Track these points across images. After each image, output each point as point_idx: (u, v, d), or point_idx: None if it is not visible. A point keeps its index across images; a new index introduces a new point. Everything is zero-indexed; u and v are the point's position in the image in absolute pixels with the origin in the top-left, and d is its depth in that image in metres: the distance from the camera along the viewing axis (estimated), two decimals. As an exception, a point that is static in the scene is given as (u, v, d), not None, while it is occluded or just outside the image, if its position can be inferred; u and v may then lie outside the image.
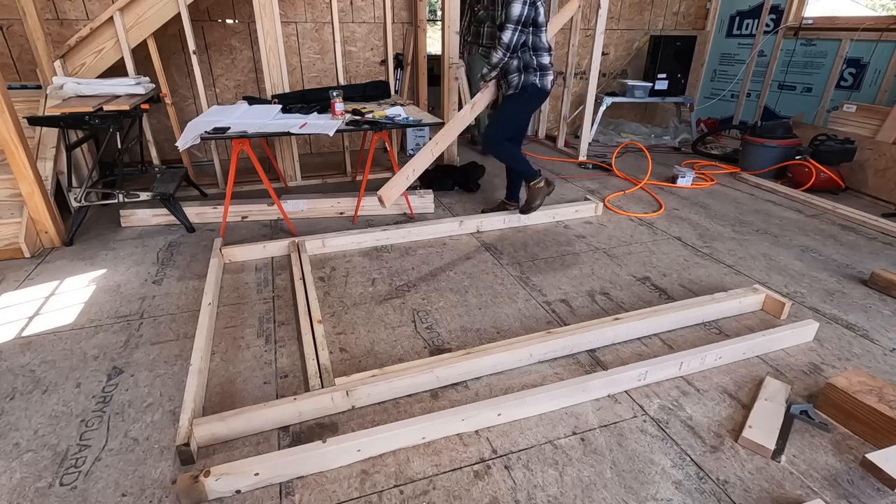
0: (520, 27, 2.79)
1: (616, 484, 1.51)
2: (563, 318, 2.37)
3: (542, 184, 3.22)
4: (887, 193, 3.87)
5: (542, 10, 2.84)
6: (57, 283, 2.61)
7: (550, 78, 3.02)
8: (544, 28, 2.90)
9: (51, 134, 3.30)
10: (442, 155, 4.56)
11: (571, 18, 5.01)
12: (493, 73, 3.02)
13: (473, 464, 1.58)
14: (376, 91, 3.90)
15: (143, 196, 3.16)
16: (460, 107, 4.14)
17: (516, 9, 2.74)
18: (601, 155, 5.08)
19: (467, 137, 5.49)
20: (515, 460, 1.59)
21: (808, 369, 2.02)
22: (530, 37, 2.87)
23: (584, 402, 1.83)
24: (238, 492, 1.47)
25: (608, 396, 1.86)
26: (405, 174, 2.88)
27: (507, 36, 2.79)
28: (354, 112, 3.33)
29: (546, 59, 2.97)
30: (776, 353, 2.11)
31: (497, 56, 2.88)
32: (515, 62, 2.92)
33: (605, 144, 5.57)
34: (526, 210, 3.29)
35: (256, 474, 1.47)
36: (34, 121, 2.83)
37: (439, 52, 4.25)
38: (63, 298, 2.48)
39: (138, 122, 3.52)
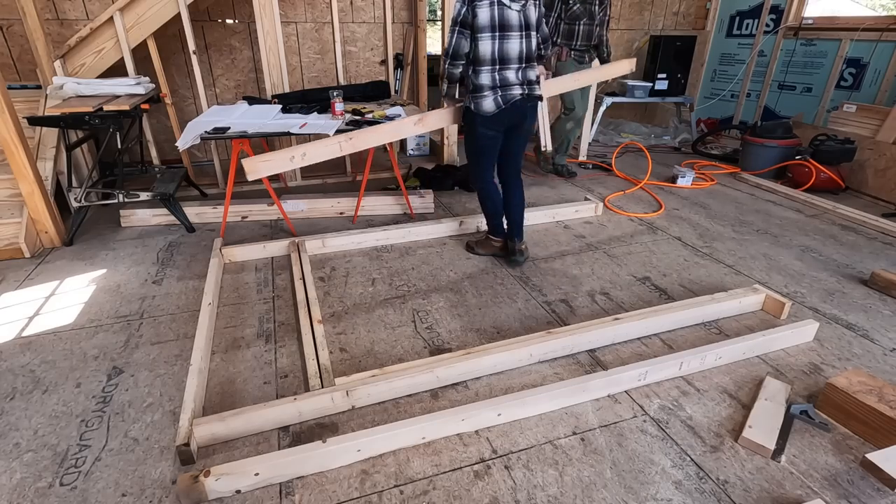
0: (457, 28, 2.36)
1: (616, 484, 1.51)
2: (563, 317, 2.37)
3: (497, 243, 2.91)
4: (887, 193, 3.87)
5: (487, 13, 2.33)
6: (57, 283, 2.61)
7: (491, 99, 2.45)
8: (491, 35, 2.37)
9: (51, 134, 3.30)
10: (442, 155, 4.57)
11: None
12: (445, 87, 2.57)
13: (473, 464, 1.58)
14: (376, 91, 3.90)
15: (143, 196, 3.16)
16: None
17: (454, 7, 2.35)
18: (601, 155, 5.08)
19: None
20: (515, 460, 1.59)
21: (808, 369, 2.02)
22: (472, 44, 2.40)
23: (584, 402, 1.83)
24: (238, 492, 1.47)
25: (608, 396, 1.86)
26: (289, 155, 2.46)
27: (446, 39, 2.43)
28: (354, 112, 3.33)
29: (485, 78, 2.43)
30: (776, 353, 2.11)
31: (444, 65, 2.50)
32: (464, 77, 2.53)
33: (605, 144, 5.57)
34: (469, 247, 3.02)
35: (256, 474, 1.47)
36: (34, 121, 2.83)
37: (439, 52, 4.25)
38: (63, 298, 2.48)
39: (138, 122, 3.52)
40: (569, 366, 2.03)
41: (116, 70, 3.45)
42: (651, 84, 5.43)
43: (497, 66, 2.44)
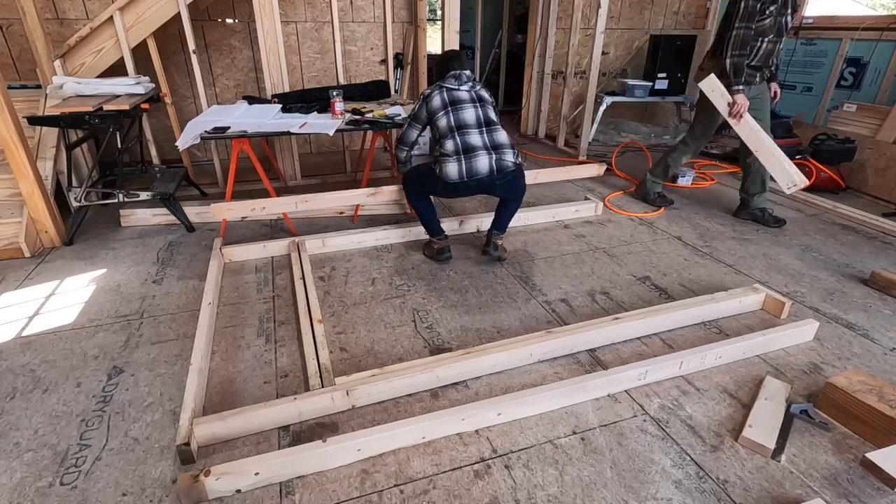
0: (411, 121, 2.71)
1: (616, 483, 1.51)
2: (563, 317, 2.37)
3: (437, 244, 2.84)
4: (887, 193, 3.87)
5: (439, 97, 2.60)
6: (57, 283, 2.62)
7: (455, 165, 2.52)
8: (444, 111, 2.59)
9: (51, 134, 3.30)
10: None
11: (572, 18, 5.02)
12: (399, 166, 2.91)
13: (473, 463, 1.58)
14: (376, 90, 3.90)
15: (143, 196, 3.16)
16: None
17: (415, 108, 2.69)
18: (601, 154, 5.08)
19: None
20: (515, 459, 1.59)
21: (808, 369, 2.02)
22: (433, 127, 2.66)
23: (584, 401, 1.83)
24: (238, 491, 1.48)
25: (608, 396, 1.86)
26: (251, 207, 2.86)
27: (402, 129, 2.78)
28: (354, 111, 3.33)
29: (449, 145, 2.54)
30: (776, 353, 2.11)
31: (395, 149, 2.86)
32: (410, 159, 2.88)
33: (606, 144, 5.57)
34: (423, 251, 2.99)
35: (257, 474, 1.47)
36: (34, 120, 2.83)
37: (439, 52, 4.24)
38: (63, 298, 2.48)
39: (138, 121, 3.52)
40: (569, 365, 2.03)
41: (116, 69, 3.45)
42: (651, 83, 5.43)
43: (457, 132, 2.56)
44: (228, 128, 2.87)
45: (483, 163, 2.53)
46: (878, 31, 4.45)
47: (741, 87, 3.06)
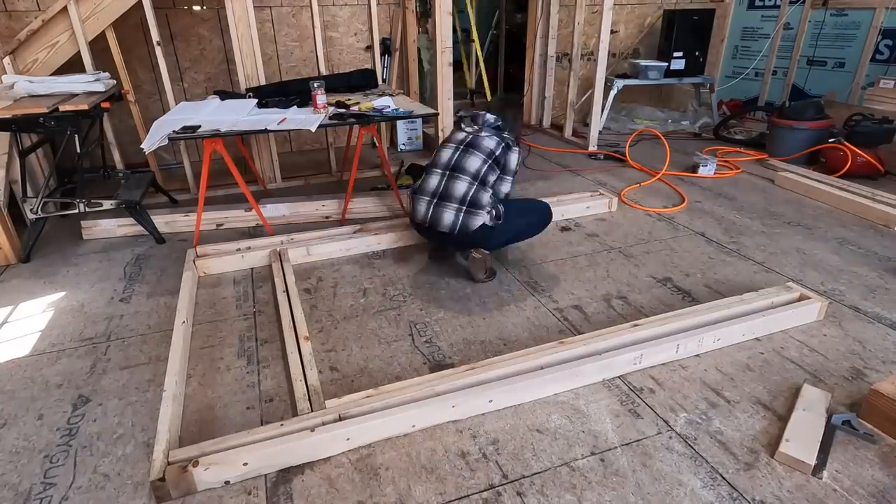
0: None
1: (641, 508, 1.52)
2: (576, 325, 2.38)
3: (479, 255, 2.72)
4: (931, 177, 3.89)
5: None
6: (13, 306, 2.62)
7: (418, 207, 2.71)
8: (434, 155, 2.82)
9: (2, 139, 3.31)
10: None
11: (576, -6, 5.05)
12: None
13: (482, 491, 1.59)
14: (362, 80, 3.92)
15: (107, 205, 3.17)
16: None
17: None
18: (613, 144, 5.11)
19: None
20: (528, 486, 1.60)
21: (850, 374, 2.04)
22: None
23: (602, 416, 1.84)
24: (227, 482, 1.57)
25: (629, 412, 1.87)
26: (236, 247, 2.98)
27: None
28: (338, 104, 3.35)
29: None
30: (814, 358, 2.12)
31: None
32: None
33: (618, 132, 5.60)
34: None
35: (245, 464, 1.59)
36: (-18, 125, 2.84)
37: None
38: (21, 321, 2.49)
39: (99, 122, 3.54)
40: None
41: (73, 66, 3.46)
42: (666, 64, 5.46)
43: (426, 170, 2.80)
44: (199, 126, 2.89)
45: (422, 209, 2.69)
46: (915, -2, 4.48)
47: None
